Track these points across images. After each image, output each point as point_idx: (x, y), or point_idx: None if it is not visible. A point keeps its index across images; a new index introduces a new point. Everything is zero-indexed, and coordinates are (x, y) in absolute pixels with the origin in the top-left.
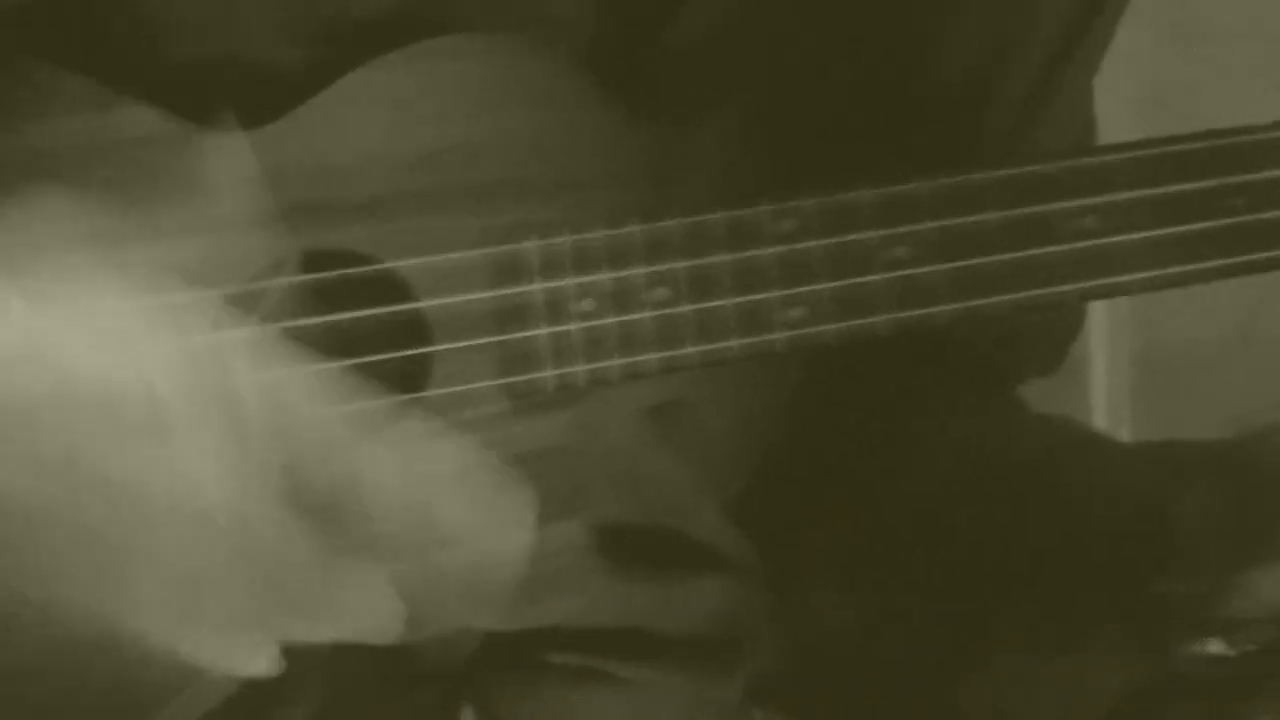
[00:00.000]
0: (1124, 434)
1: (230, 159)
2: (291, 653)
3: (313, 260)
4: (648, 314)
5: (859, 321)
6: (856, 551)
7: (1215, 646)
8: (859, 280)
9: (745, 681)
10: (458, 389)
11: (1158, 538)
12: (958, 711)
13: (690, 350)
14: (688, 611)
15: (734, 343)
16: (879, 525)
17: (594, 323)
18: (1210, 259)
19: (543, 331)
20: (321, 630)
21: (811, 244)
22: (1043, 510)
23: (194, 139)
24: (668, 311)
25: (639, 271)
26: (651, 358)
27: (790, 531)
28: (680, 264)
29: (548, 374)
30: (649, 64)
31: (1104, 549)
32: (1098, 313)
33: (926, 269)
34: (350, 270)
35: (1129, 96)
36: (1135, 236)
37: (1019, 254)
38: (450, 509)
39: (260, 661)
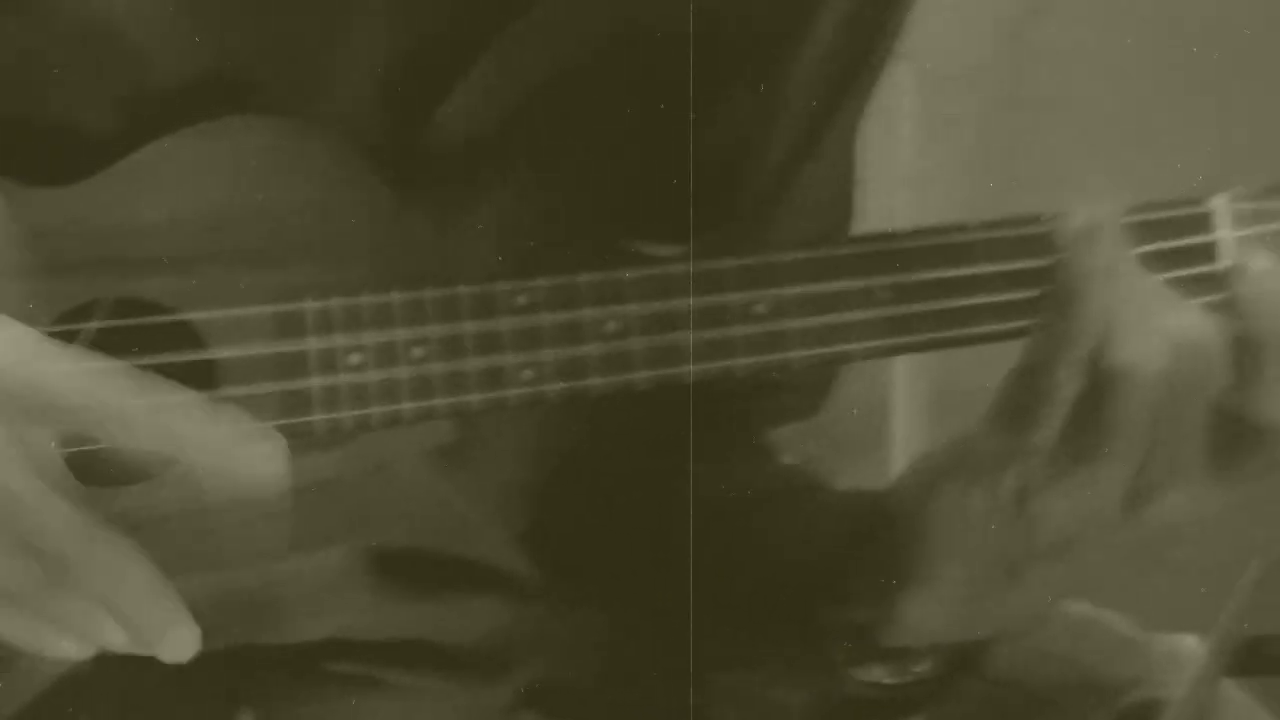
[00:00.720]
0: None
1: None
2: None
3: (119, 308)
4: (404, 370)
5: (577, 384)
6: (615, 575)
7: (878, 673)
8: (577, 350)
9: (516, 687)
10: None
11: (832, 573)
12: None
13: (440, 403)
14: (463, 627)
15: (475, 397)
16: (634, 553)
17: (359, 376)
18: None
19: (315, 382)
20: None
21: (541, 317)
22: (754, 545)
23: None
24: (422, 369)
25: (400, 333)
26: (407, 407)
27: (566, 556)
28: (434, 328)
29: (317, 418)
30: (423, 141)
31: (794, 581)
32: (898, 362)
33: (632, 342)
34: (149, 319)
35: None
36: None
37: (708, 332)
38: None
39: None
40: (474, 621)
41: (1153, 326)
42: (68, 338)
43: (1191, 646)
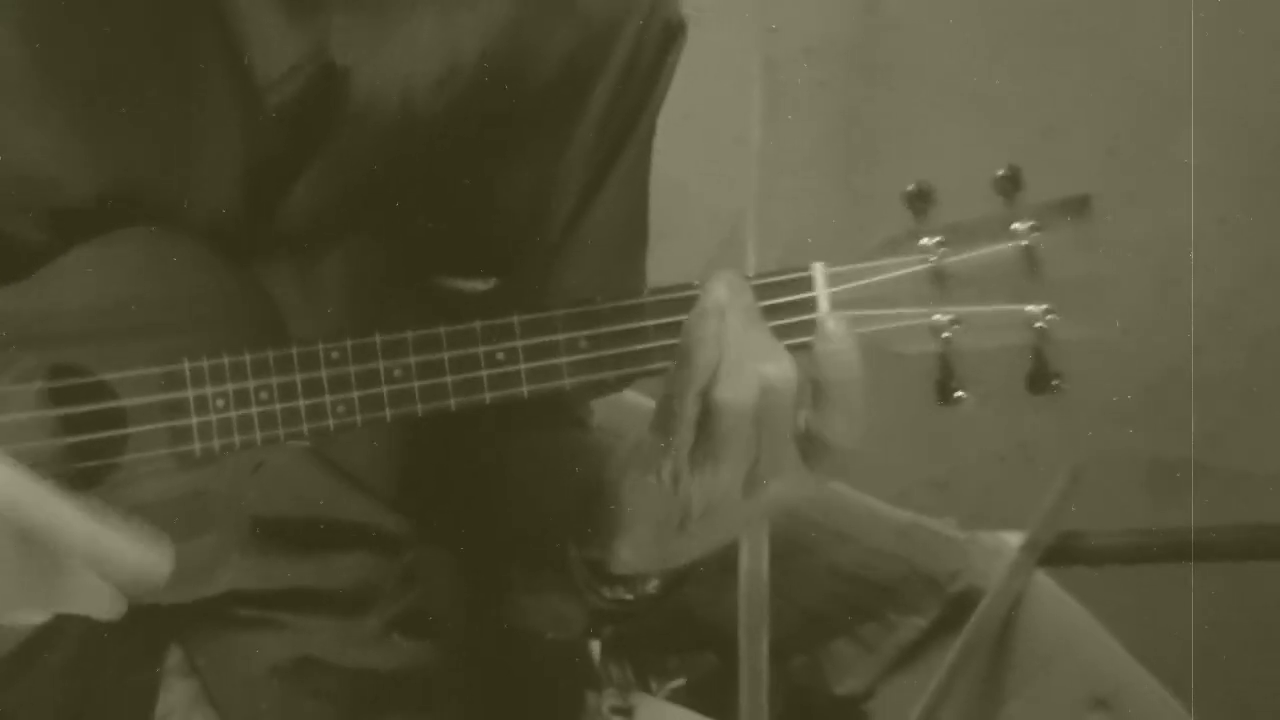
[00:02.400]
0: None
1: None
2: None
3: (54, 371)
4: (255, 409)
5: (375, 415)
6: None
7: (620, 591)
8: (374, 391)
9: (384, 617)
10: (141, 455)
11: (575, 525)
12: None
13: (280, 432)
14: (337, 575)
15: (305, 427)
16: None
17: (223, 415)
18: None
19: (193, 420)
20: (63, 608)
21: (349, 368)
22: (536, 495)
23: None
24: (267, 408)
25: (250, 383)
26: (259, 435)
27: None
28: (274, 379)
29: (196, 446)
30: (266, 235)
31: (553, 530)
32: None
33: (415, 384)
34: (76, 380)
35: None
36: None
37: (460, 376)
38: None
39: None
40: (346, 570)
41: (747, 371)
42: (14, 396)
43: (1008, 542)
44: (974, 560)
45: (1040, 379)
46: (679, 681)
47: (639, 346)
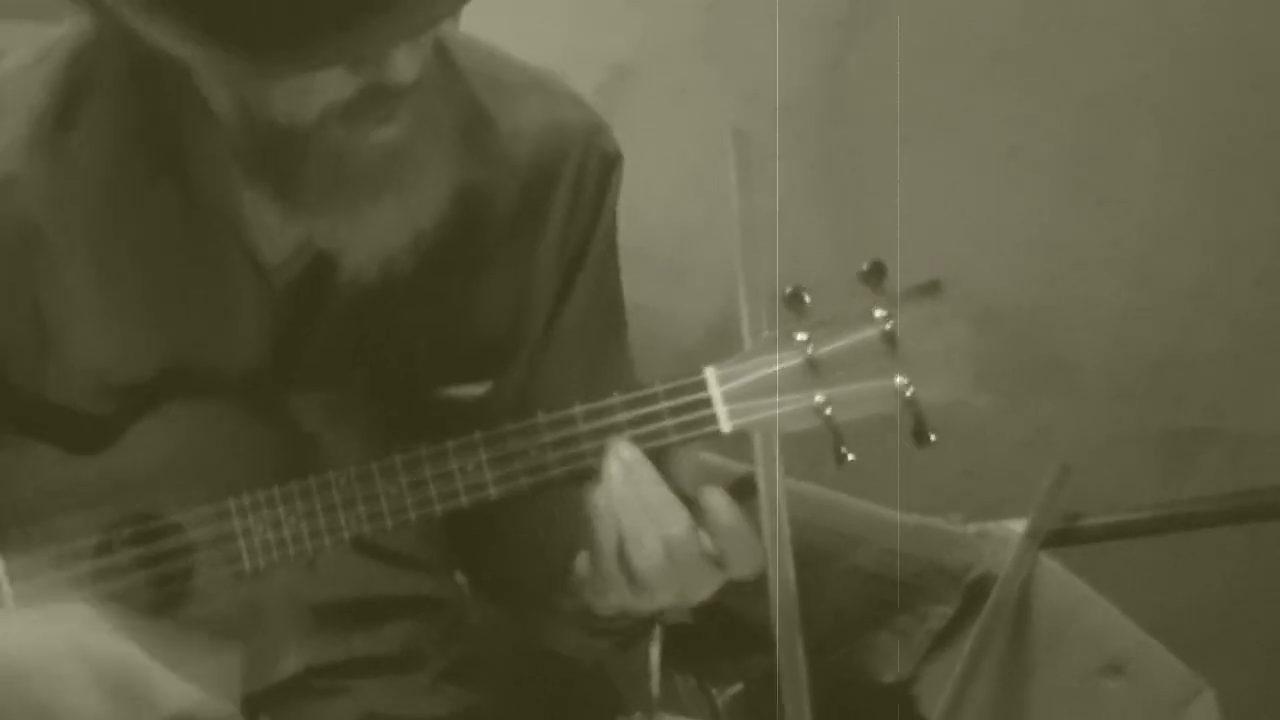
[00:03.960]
0: None
1: None
2: None
3: (131, 519)
4: (287, 530)
5: (379, 525)
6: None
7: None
8: (376, 507)
9: (435, 671)
10: (208, 577)
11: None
12: None
13: (308, 546)
14: (389, 641)
15: (326, 540)
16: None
17: (263, 537)
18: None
19: (241, 544)
20: None
21: (354, 491)
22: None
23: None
24: (296, 528)
25: (281, 509)
26: (290, 551)
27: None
28: (299, 504)
29: (246, 565)
30: (302, 369)
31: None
32: None
33: (406, 499)
34: (154, 522)
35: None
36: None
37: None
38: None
39: None
40: (397, 636)
41: (649, 536)
42: (108, 545)
43: (1014, 531)
44: (985, 551)
45: (920, 435)
46: (737, 687)
47: (575, 449)
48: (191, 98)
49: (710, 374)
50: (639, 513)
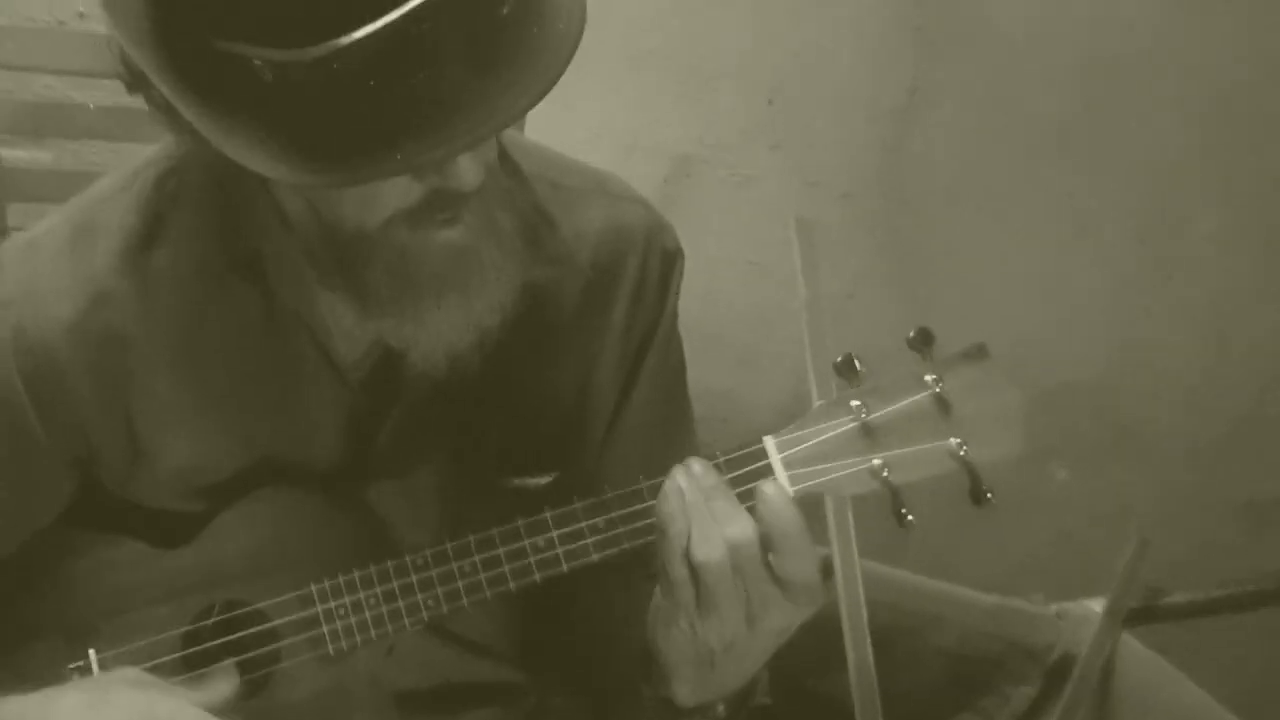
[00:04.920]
0: None
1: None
2: None
3: (221, 607)
4: (368, 613)
5: (456, 604)
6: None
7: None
8: (452, 586)
9: None
10: (293, 661)
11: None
12: None
13: (389, 628)
14: None
15: (405, 622)
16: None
17: (345, 621)
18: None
19: (323, 628)
20: None
21: (430, 572)
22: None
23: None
24: (376, 611)
25: (361, 594)
26: (371, 634)
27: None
28: (378, 588)
29: (329, 648)
30: (377, 458)
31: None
32: None
33: (481, 576)
34: (240, 610)
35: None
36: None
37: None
38: None
39: None
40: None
41: (714, 535)
42: (196, 635)
43: (1094, 609)
44: (1065, 630)
45: (977, 494)
46: None
47: (642, 522)
48: (268, 205)
49: (769, 442)
50: (704, 514)
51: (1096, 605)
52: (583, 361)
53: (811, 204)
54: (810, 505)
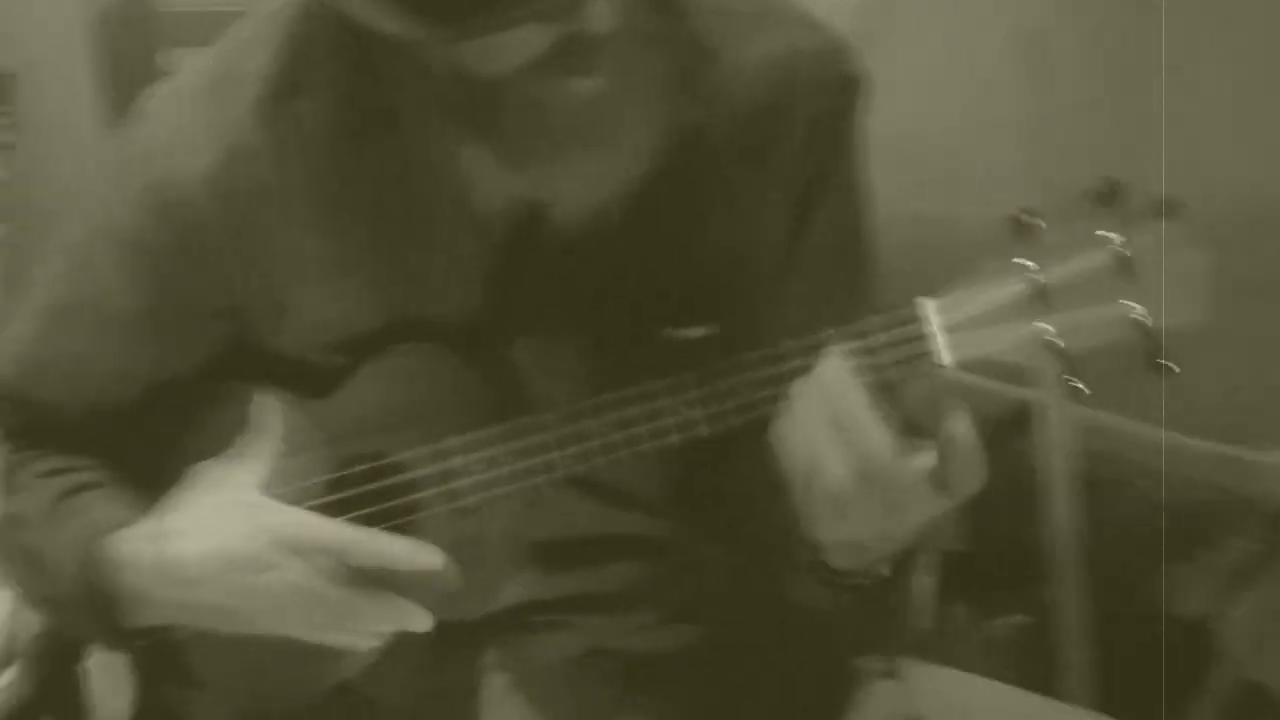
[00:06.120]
0: None
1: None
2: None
3: (363, 457)
4: (505, 469)
5: (582, 465)
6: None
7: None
8: (587, 444)
9: (660, 609)
10: (430, 513)
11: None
12: None
13: (523, 482)
14: (611, 579)
15: (538, 478)
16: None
17: (479, 476)
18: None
19: (457, 482)
20: (390, 627)
21: (564, 430)
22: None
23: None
24: (512, 467)
25: (497, 448)
26: (505, 487)
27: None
28: (512, 444)
29: (465, 501)
30: (518, 314)
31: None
32: None
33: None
34: (380, 461)
35: None
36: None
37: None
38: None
39: (371, 641)
40: (620, 575)
41: (835, 450)
42: (338, 483)
43: None
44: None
45: (1151, 364)
46: (1015, 619)
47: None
48: (404, 57)
49: (928, 305)
50: (827, 429)
51: None
52: (743, 207)
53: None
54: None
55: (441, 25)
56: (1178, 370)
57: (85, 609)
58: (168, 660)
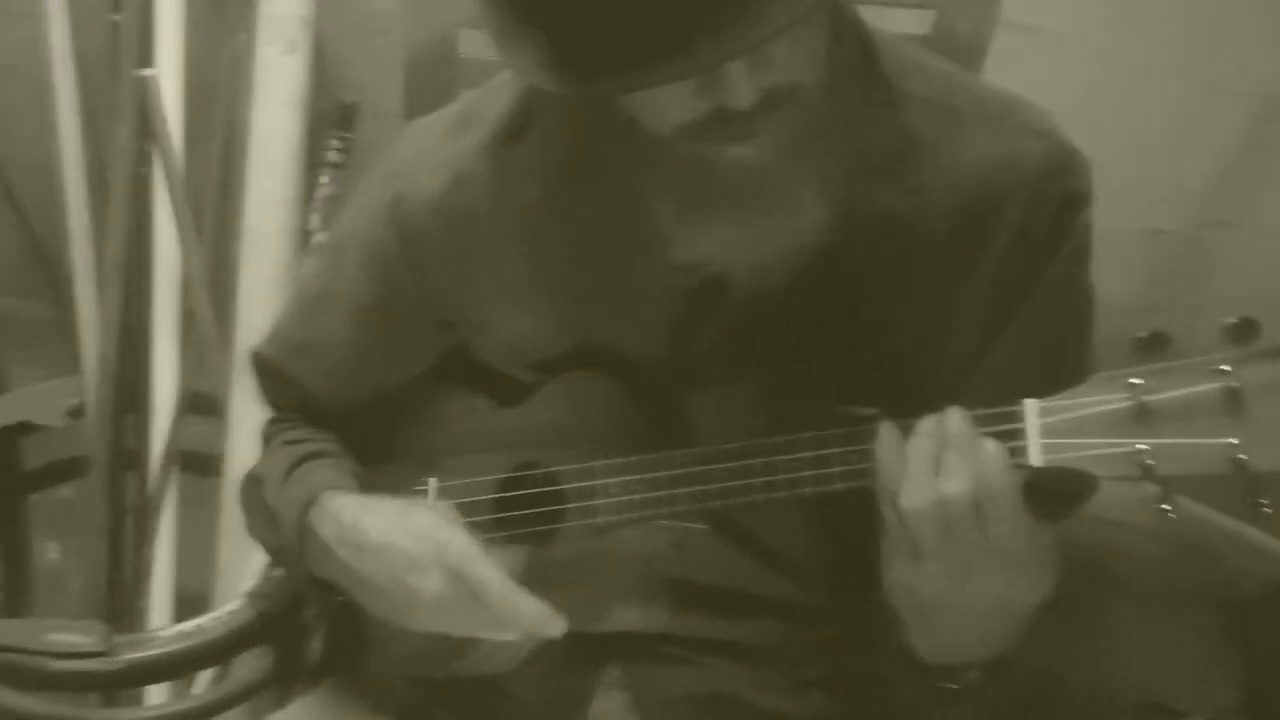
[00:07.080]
0: None
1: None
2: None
3: (529, 464)
4: (637, 496)
5: (704, 505)
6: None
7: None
8: (709, 486)
9: (806, 675)
10: (570, 524)
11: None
12: None
13: (652, 512)
14: (751, 634)
15: (659, 510)
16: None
17: (614, 499)
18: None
19: (595, 501)
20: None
21: (689, 469)
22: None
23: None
24: (641, 496)
25: (631, 477)
26: (635, 514)
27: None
28: (644, 475)
29: (599, 520)
30: (694, 365)
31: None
32: None
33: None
34: (541, 470)
35: None
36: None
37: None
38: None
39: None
40: (760, 632)
41: (925, 486)
42: (505, 484)
43: None
44: None
45: (1252, 504)
46: None
47: None
48: (617, 116)
49: (1030, 406)
50: (927, 462)
51: None
52: (940, 301)
53: None
54: None
55: (579, 84)
56: (1270, 512)
57: (293, 551)
58: (351, 616)
